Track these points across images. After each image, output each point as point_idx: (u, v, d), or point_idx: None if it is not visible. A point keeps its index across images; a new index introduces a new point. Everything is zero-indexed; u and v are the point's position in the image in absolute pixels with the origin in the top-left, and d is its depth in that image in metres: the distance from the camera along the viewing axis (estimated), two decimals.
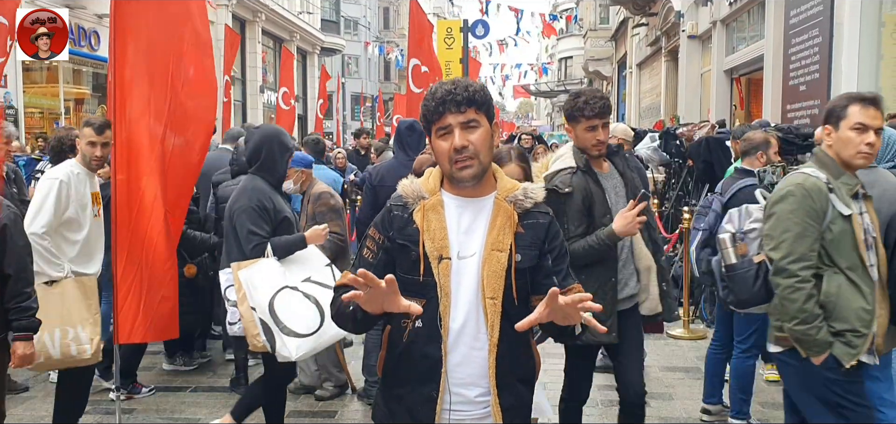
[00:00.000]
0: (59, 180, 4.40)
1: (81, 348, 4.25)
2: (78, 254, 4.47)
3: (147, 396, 5.64)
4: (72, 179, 4.46)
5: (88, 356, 4.29)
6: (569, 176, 3.69)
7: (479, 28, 22.66)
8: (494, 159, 2.39)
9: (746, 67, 13.81)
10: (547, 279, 2.27)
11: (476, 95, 2.18)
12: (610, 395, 5.68)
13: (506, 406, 2.21)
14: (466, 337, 2.20)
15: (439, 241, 2.19)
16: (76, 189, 4.47)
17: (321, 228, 4.46)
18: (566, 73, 47.10)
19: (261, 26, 24.77)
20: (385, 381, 2.36)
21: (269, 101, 25.40)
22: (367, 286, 1.93)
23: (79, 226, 4.49)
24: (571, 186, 3.65)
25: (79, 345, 4.24)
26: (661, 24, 19.33)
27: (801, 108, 10.15)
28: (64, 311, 4.23)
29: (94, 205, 4.64)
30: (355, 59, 48.63)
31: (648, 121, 20.43)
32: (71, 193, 4.43)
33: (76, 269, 4.43)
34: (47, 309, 3.92)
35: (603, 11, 33.53)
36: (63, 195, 4.39)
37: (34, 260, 3.85)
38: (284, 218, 4.24)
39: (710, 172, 8.25)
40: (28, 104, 14.56)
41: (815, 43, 9.75)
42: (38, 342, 3.81)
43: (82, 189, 4.53)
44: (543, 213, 2.30)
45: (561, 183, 3.65)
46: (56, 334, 4.16)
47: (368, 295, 1.96)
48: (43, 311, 3.75)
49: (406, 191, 2.29)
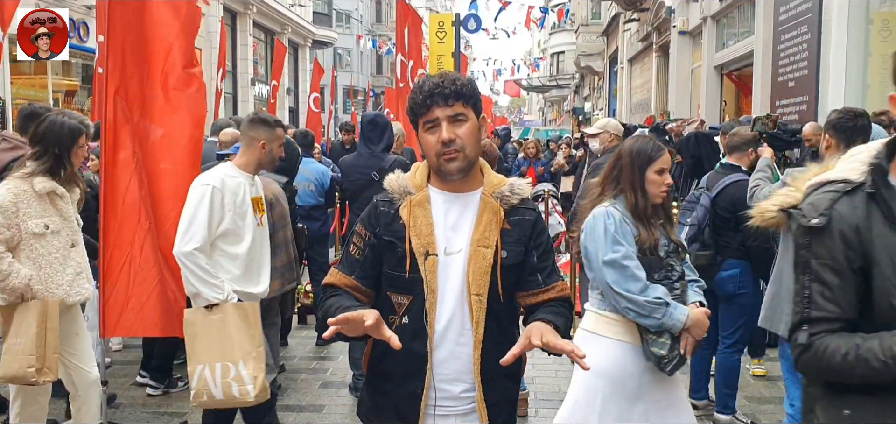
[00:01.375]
0: (210, 187, 3.78)
1: (243, 388, 3.67)
2: (242, 272, 3.90)
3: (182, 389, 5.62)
4: (226, 183, 3.85)
5: (252, 398, 3.70)
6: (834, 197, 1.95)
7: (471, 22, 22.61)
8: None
9: (736, 63, 13.86)
10: (532, 276, 2.27)
11: (464, 89, 2.17)
12: None
13: (491, 402, 2.22)
14: (452, 333, 2.20)
15: (426, 237, 2.19)
16: (233, 195, 3.85)
17: None
18: (558, 68, 47.10)
19: (252, 18, 24.68)
20: (370, 376, 2.36)
21: (260, 93, 25.33)
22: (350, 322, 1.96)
23: (238, 238, 3.88)
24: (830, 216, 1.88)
25: (241, 385, 3.68)
26: (652, 20, 19.36)
27: (790, 104, 10.19)
28: (225, 343, 3.70)
29: (257, 212, 4.03)
30: (347, 52, 48.52)
31: (639, 116, 20.46)
32: (226, 200, 3.81)
33: (240, 289, 3.85)
34: (208, 340, 3.65)
35: (595, 7, 33.57)
36: (216, 204, 3.77)
37: (190, 282, 3.70)
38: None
39: (698, 167, 8.27)
40: (15, 96, 14.46)
41: (804, 40, 9.79)
42: (198, 379, 3.64)
43: (240, 194, 3.89)
44: (530, 209, 2.30)
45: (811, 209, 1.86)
46: (217, 370, 3.67)
47: (351, 328, 1.97)
48: (203, 341, 3.60)
49: (392, 186, 2.28)
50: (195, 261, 3.69)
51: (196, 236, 3.70)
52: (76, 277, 3.99)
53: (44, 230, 3.84)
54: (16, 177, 3.85)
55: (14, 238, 3.77)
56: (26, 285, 3.76)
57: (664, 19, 18.04)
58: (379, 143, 5.55)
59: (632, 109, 23.83)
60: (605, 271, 3.13)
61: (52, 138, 3.89)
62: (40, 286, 3.83)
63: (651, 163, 3.24)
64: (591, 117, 31.89)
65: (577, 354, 1.93)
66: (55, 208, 3.90)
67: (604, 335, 3.24)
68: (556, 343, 1.97)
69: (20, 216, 3.78)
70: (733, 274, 4.76)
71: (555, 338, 1.99)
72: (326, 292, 2.30)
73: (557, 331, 2.07)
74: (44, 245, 3.85)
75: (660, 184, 3.24)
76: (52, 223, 3.86)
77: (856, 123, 3.89)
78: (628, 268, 3.09)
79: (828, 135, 3.96)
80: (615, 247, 3.12)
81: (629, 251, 3.12)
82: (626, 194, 3.25)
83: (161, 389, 5.48)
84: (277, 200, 5.10)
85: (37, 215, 3.82)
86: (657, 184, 3.24)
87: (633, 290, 3.08)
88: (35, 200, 3.82)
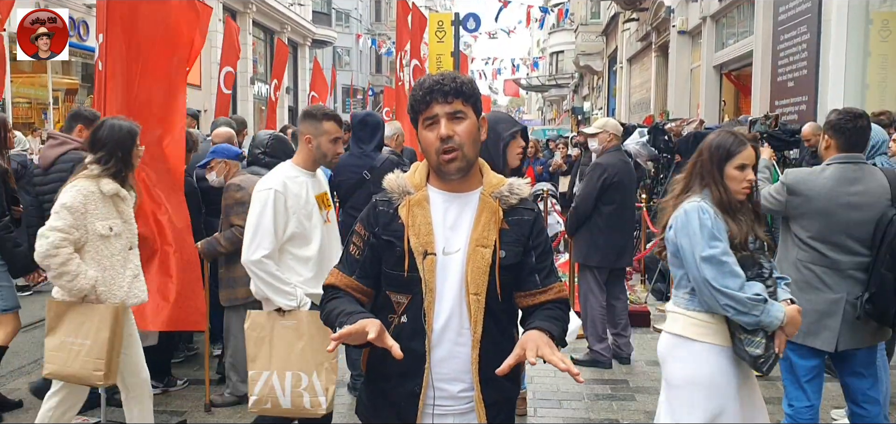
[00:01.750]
0: (273, 191, 3.65)
1: (315, 400, 3.54)
2: (314, 274, 3.74)
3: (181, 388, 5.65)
4: (288, 185, 3.70)
5: (323, 411, 3.57)
6: None
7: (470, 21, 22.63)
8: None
9: (735, 63, 13.87)
10: (530, 277, 2.27)
11: (463, 87, 2.18)
12: (595, 389, 5.72)
13: (489, 401, 2.22)
14: (450, 333, 2.20)
15: (424, 237, 2.19)
16: (296, 197, 3.71)
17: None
18: (557, 67, 47.12)
19: (252, 17, 24.68)
20: (369, 376, 2.36)
21: (260, 92, 25.32)
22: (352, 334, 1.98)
23: (306, 240, 3.75)
24: None
25: (313, 396, 3.55)
26: (651, 20, 19.37)
27: (789, 104, 10.20)
28: (299, 352, 3.58)
29: (323, 209, 3.88)
30: (347, 51, 48.52)
31: (638, 116, 20.48)
32: (289, 203, 3.68)
33: (313, 291, 3.66)
34: (280, 347, 3.58)
35: (594, 6, 33.60)
36: (280, 208, 3.64)
37: (260, 289, 3.63)
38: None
39: None
40: (15, 94, 14.46)
41: (803, 40, 9.80)
42: (263, 385, 3.57)
43: (303, 194, 3.74)
44: (529, 210, 2.30)
45: None
46: (287, 379, 3.57)
47: (353, 339, 2.00)
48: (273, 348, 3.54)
49: (391, 186, 2.27)
50: (265, 269, 3.60)
51: (264, 243, 3.60)
52: (134, 279, 4.01)
53: (108, 232, 3.84)
54: (83, 177, 3.84)
55: (81, 239, 3.78)
56: (92, 286, 3.77)
57: (663, 19, 18.05)
58: (370, 142, 5.55)
59: (631, 109, 23.84)
60: (702, 267, 3.02)
61: (113, 141, 3.89)
62: (104, 288, 3.83)
63: (730, 158, 3.13)
64: (591, 117, 31.92)
65: (571, 371, 1.93)
66: (117, 211, 3.92)
67: (696, 340, 3.13)
68: (552, 358, 1.97)
69: (88, 217, 3.78)
70: None
71: (550, 352, 1.99)
72: (327, 293, 2.30)
73: (553, 339, 2.08)
74: (108, 247, 3.86)
75: (740, 180, 3.12)
76: (115, 226, 3.88)
77: (855, 125, 3.88)
78: (727, 264, 3.00)
79: (827, 135, 3.96)
80: (712, 242, 3.02)
81: (726, 247, 3.03)
82: (710, 188, 3.15)
83: (160, 388, 5.48)
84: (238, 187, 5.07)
85: (102, 216, 3.82)
86: (737, 180, 3.12)
87: (733, 286, 2.97)
88: (101, 201, 3.83)
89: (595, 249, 6.08)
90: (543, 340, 2.03)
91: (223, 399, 5.26)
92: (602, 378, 5.98)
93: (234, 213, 4.90)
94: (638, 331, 7.07)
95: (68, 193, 3.77)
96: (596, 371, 6.11)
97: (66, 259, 3.68)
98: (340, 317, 2.10)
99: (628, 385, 5.85)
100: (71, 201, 3.72)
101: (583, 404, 5.44)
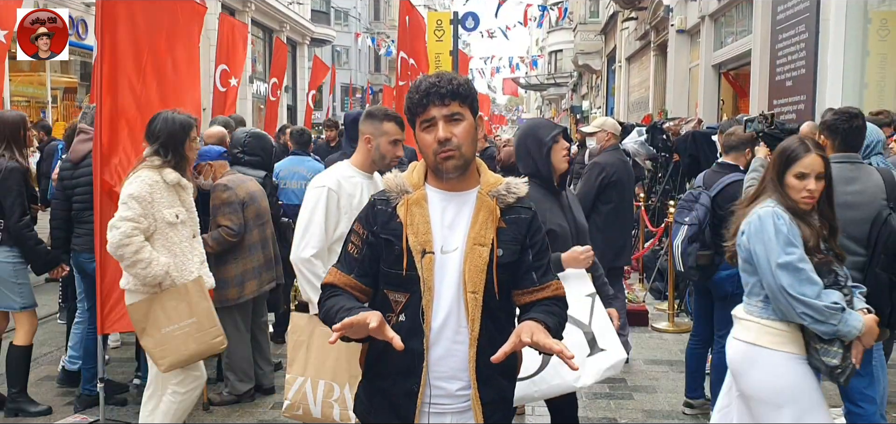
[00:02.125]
0: (325, 189, 3.62)
1: (345, 413, 3.46)
2: None
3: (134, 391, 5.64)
4: (342, 184, 3.67)
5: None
6: None
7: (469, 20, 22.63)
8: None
9: (734, 62, 13.88)
10: (527, 275, 2.29)
11: (460, 89, 2.19)
12: (593, 388, 5.71)
13: (486, 400, 2.23)
14: (448, 331, 2.21)
15: (423, 236, 2.20)
16: (349, 197, 3.65)
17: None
18: (556, 66, 47.15)
19: (250, 16, 24.65)
20: (366, 374, 2.37)
21: (259, 91, 25.29)
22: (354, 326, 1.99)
23: None
24: None
25: (343, 409, 3.48)
26: (650, 19, 19.37)
27: (787, 103, 10.21)
28: (333, 362, 3.53)
29: None
30: (346, 50, 48.51)
31: (637, 115, 20.49)
32: (342, 202, 3.63)
33: None
34: (316, 354, 3.55)
35: (593, 5, 33.60)
36: (332, 207, 3.60)
37: (305, 290, 3.60)
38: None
39: (695, 166, 8.31)
40: (14, 93, 14.46)
41: (802, 39, 9.81)
42: (297, 391, 3.57)
43: (357, 195, 3.68)
44: (526, 208, 2.31)
45: None
46: (320, 387, 3.54)
47: (355, 331, 2.01)
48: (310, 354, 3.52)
49: (389, 185, 2.29)
50: (312, 268, 3.56)
51: (313, 241, 3.57)
52: (202, 265, 4.11)
53: (175, 220, 3.92)
54: (146, 167, 3.92)
55: (150, 228, 3.84)
56: (165, 272, 3.83)
57: (662, 18, 18.06)
58: None
59: (629, 108, 23.85)
60: (779, 274, 2.93)
61: (168, 133, 3.98)
62: (177, 273, 3.90)
63: (790, 165, 3.05)
64: (589, 116, 31.92)
65: (565, 354, 1.95)
66: (180, 199, 4.02)
67: (771, 349, 3.05)
68: (546, 343, 1.99)
69: (155, 206, 3.85)
70: (732, 274, 4.74)
71: (545, 338, 2.01)
72: (326, 291, 2.31)
73: (549, 330, 2.09)
74: (176, 234, 3.94)
75: (799, 190, 3.03)
76: (180, 213, 3.98)
77: (851, 124, 3.89)
78: (804, 270, 2.91)
79: (823, 135, 3.98)
80: (789, 249, 2.94)
81: (802, 253, 2.95)
82: (778, 193, 3.08)
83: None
84: (251, 198, 5.07)
85: (168, 204, 3.91)
86: (796, 190, 3.04)
87: (810, 294, 2.88)
88: (165, 190, 3.92)
89: (593, 247, 6.06)
90: (538, 328, 2.04)
91: (221, 397, 5.27)
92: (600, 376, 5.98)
93: (220, 213, 4.92)
94: (636, 330, 7.09)
95: (134, 183, 3.83)
96: None
97: (139, 247, 3.74)
98: (340, 312, 2.11)
99: (626, 383, 5.86)
100: (138, 191, 3.79)
101: (580, 403, 5.43)
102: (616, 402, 5.47)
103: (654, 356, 6.64)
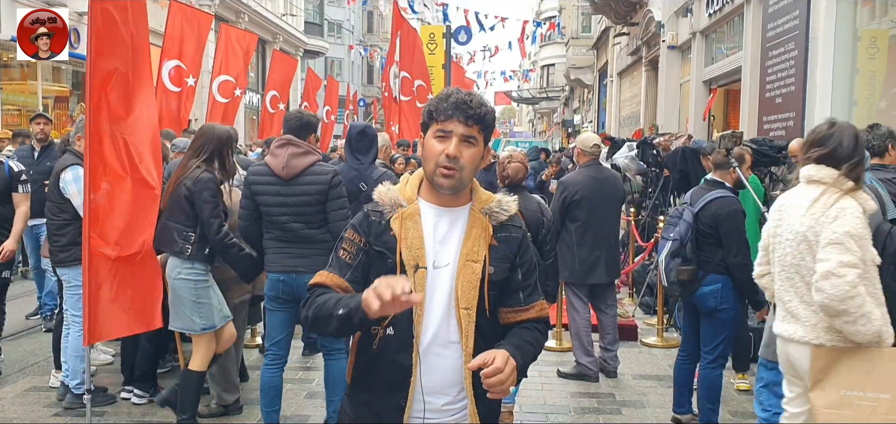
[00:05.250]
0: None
1: None
2: None
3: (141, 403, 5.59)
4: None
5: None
6: None
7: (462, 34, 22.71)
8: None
9: (725, 78, 13.95)
10: (515, 294, 2.31)
11: (485, 117, 2.21)
12: (582, 402, 5.74)
13: (483, 415, 2.24)
14: (436, 346, 2.21)
15: (416, 250, 2.20)
16: None
17: None
18: (548, 80, 47.28)
19: (244, 27, 24.65)
20: (353, 387, 2.36)
21: (251, 102, 25.27)
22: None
23: None
24: None
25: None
26: (641, 34, 19.47)
27: (776, 120, 10.27)
28: None
29: None
30: (339, 62, 48.55)
31: (628, 129, 20.56)
32: None
33: None
34: None
35: (585, 20, 33.74)
36: None
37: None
38: None
39: (685, 182, 8.34)
40: (5, 101, 14.41)
41: (791, 56, 9.87)
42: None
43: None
44: (517, 227, 2.33)
45: None
46: None
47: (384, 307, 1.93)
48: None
49: (383, 198, 2.28)
50: None
51: None
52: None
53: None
54: (846, 195, 3.65)
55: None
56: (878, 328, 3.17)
57: (654, 34, 18.15)
58: (367, 154, 5.54)
59: (621, 122, 23.93)
60: None
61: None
62: (887, 328, 3.39)
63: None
64: (581, 130, 32.01)
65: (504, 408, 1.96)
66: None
67: None
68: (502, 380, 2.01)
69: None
70: (715, 289, 4.79)
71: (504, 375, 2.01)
72: (315, 291, 2.27)
73: (517, 369, 2.08)
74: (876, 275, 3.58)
75: None
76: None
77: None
78: None
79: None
80: None
81: None
82: None
83: (146, 397, 5.46)
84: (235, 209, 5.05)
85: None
86: None
87: None
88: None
89: (564, 265, 6.08)
90: (509, 365, 2.04)
91: (209, 409, 5.25)
92: (588, 391, 6.00)
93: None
94: (625, 345, 7.10)
95: (848, 219, 3.18)
96: (583, 384, 6.14)
97: (864, 300, 3.10)
98: (339, 304, 2.09)
99: (615, 398, 5.87)
100: (854, 228, 3.15)
101: (569, 417, 5.46)
102: (605, 416, 5.47)
103: (642, 370, 6.65)
